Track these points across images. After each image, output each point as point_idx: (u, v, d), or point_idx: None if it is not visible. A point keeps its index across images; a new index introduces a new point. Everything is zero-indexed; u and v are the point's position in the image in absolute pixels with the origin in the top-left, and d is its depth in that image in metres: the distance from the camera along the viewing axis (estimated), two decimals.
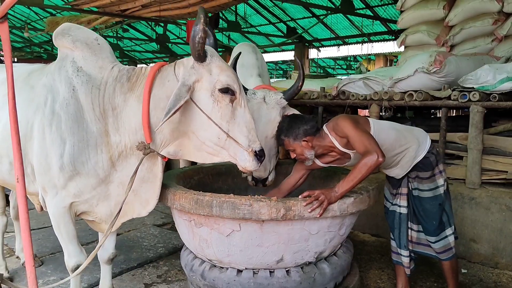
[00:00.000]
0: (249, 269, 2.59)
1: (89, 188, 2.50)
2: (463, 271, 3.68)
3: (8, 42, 1.82)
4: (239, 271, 2.60)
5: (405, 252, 2.94)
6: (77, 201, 2.54)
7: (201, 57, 2.27)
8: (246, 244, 2.48)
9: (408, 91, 4.43)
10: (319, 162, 2.89)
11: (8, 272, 3.53)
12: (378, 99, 4.65)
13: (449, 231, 2.88)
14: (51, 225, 2.62)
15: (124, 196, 2.41)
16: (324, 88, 5.41)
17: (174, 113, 2.19)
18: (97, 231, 2.95)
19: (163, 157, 2.49)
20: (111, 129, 2.45)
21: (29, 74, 2.79)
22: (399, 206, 2.95)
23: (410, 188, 2.91)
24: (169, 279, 3.58)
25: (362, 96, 4.86)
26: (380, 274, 3.68)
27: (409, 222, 2.94)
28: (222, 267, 2.65)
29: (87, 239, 4.35)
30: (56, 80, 2.54)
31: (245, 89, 2.93)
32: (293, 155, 2.79)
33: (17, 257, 3.89)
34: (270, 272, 2.57)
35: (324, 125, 2.81)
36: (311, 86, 5.89)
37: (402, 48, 6.35)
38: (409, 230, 2.95)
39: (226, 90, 2.29)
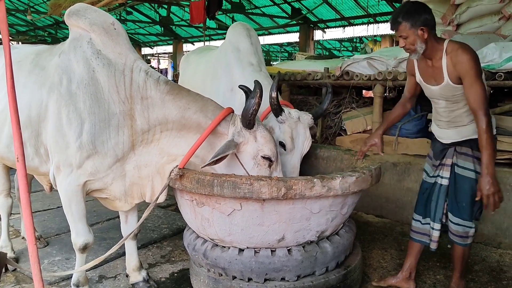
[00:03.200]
0: (250, 248, 2.59)
1: (106, 167, 2.57)
2: None
3: (5, 21, 1.81)
4: (241, 250, 2.61)
5: (437, 226, 2.85)
6: (92, 179, 2.60)
7: (250, 126, 2.49)
8: (247, 223, 2.49)
9: None
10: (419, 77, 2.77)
11: (14, 253, 3.56)
12: (383, 79, 4.61)
13: (472, 223, 2.78)
14: (57, 207, 2.67)
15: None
16: (328, 68, 5.37)
17: (218, 160, 2.41)
18: (102, 214, 2.97)
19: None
20: (138, 115, 2.53)
21: (37, 55, 2.81)
22: (441, 177, 2.83)
23: (453, 162, 2.79)
24: (173, 259, 3.62)
25: (366, 76, 4.82)
26: (383, 254, 3.70)
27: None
28: (224, 246, 2.66)
29: (92, 220, 4.37)
30: (72, 60, 2.57)
31: (278, 108, 2.94)
32: (402, 43, 2.60)
33: (23, 238, 3.93)
34: (272, 251, 2.58)
35: (446, 40, 2.60)
36: (315, 67, 5.85)
37: None
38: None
39: (267, 158, 2.55)
